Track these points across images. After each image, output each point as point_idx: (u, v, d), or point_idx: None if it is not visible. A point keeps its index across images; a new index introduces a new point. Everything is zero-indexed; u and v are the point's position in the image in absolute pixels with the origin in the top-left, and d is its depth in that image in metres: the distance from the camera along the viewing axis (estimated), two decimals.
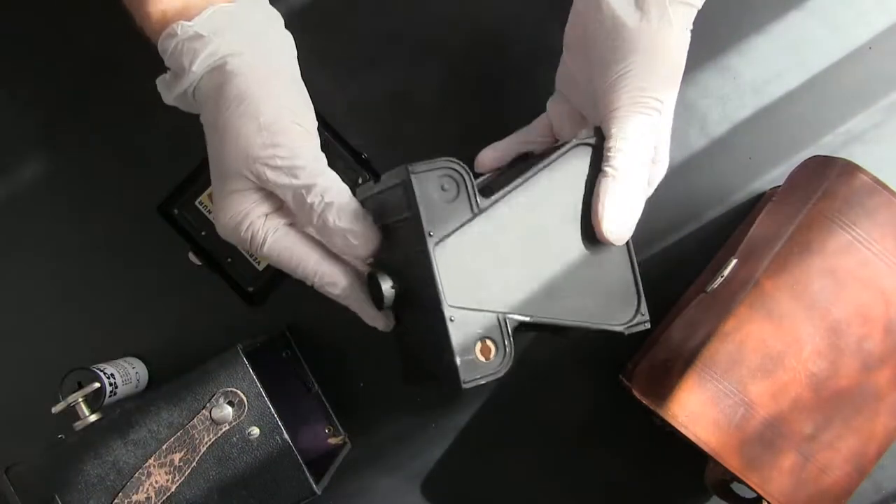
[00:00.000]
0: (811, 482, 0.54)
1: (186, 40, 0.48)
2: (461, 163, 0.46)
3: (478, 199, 0.47)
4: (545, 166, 0.49)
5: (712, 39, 0.63)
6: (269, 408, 0.52)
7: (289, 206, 0.49)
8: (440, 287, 0.45)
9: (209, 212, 0.62)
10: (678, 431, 0.53)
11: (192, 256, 0.62)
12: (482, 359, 0.45)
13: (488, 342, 0.45)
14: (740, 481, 0.54)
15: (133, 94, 0.63)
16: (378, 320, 0.52)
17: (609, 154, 0.49)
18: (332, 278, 0.51)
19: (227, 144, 0.48)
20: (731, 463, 0.53)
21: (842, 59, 0.63)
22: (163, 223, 0.61)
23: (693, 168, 0.63)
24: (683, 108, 0.63)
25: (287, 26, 0.53)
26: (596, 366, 0.63)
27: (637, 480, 0.63)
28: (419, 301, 0.47)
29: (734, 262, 0.57)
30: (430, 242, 0.45)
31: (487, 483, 0.63)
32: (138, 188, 0.62)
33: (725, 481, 0.57)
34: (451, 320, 0.45)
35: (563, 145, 0.50)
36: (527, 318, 0.47)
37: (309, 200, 0.47)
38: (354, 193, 0.50)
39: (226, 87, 0.48)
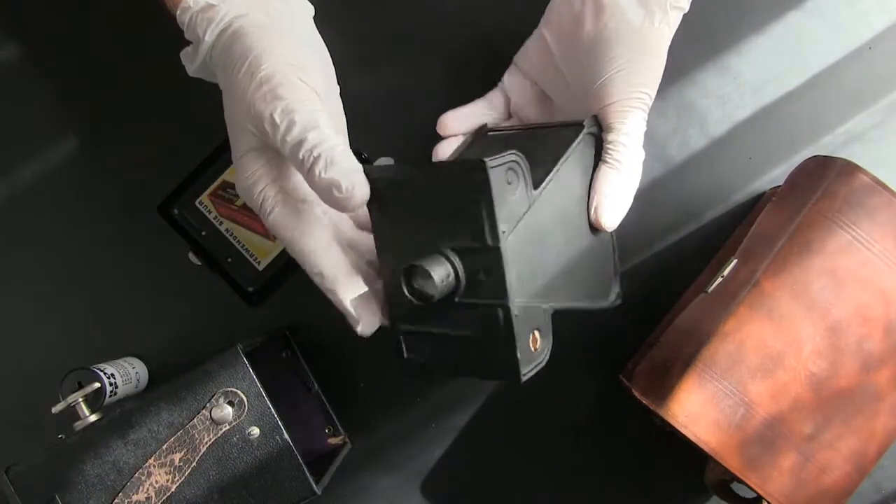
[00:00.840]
0: (811, 482, 0.54)
1: (199, 11, 0.49)
2: (519, 153, 0.45)
3: (531, 191, 0.46)
4: (568, 156, 0.50)
5: (712, 39, 0.63)
6: (269, 408, 0.52)
7: (284, 155, 0.48)
8: (510, 284, 0.44)
9: (209, 212, 0.62)
10: (678, 431, 0.53)
11: (192, 256, 0.62)
12: (532, 349, 0.46)
13: (536, 333, 0.46)
14: (740, 481, 0.54)
15: (133, 93, 0.64)
16: (360, 323, 0.50)
17: (612, 147, 0.51)
18: (319, 268, 0.49)
19: (234, 103, 0.48)
20: (731, 463, 0.53)
21: (842, 59, 0.63)
22: (163, 223, 0.61)
23: (693, 168, 0.63)
24: (683, 108, 0.63)
25: None
26: (596, 366, 0.63)
27: (637, 480, 0.63)
28: (462, 297, 0.46)
29: (734, 262, 0.57)
30: (503, 239, 0.44)
31: (487, 483, 0.63)
32: (138, 188, 0.62)
33: (725, 481, 0.57)
34: (517, 316, 0.45)
35: (566, 127, 0.51)
36: (559, 307, 0.48)
37: (300, 155, 0.45)
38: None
39: (233, 48, 0.48)
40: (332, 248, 0.50)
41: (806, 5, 0.63)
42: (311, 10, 0.54)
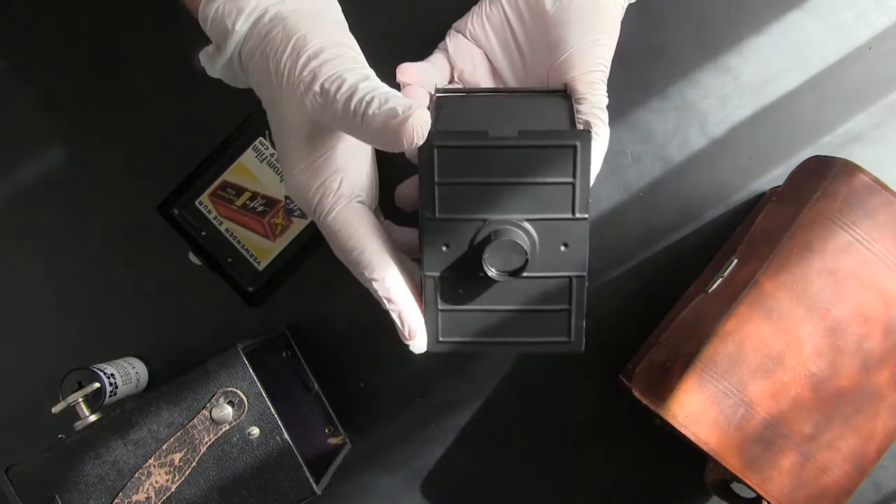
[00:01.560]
0: (811, 482, 0.54)
1: (227, 2, 0.46)
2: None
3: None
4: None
5: (712, 39, 0.63)
6: (269, 408, 0.52)
7: (346, 131, 0.45)
8: (586, 255, 0.45)
9: (209, 212, 0.62)
10: (678, 431, 0.53)
11: (192, 256, 0.62)
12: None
13: None
14: (740, 481, 0.54)
15: (134, 94, 0.64)
16: (417, 336, 0.47)
17: (588, 119, 0.52)
18: (380, 273, 0.46)
19: (281, 87, 0.45)
20: (731, 463, 0.53)
21: (842, 59, 0.63)
22: (163, 223, 0.61)
23: (693, 168, 0.63)
24: (683, 108, 0.63)
25: None
26: (596, 366, 0.63)
27: (637, 480, 0.63)
28: (531, 271, 0.45)
29: (734, 262, 0.57)
30: (589, 209, 0.45)
31: (487, 483, 0.63)
32: (138, 188, 0.62)
33: (725, 481, 0.57)
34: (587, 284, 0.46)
35: (545, 94, 0.52)
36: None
37: (352, 106, 0.42)
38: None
39: (271, 34, 0.45)
40: (392, 255, 0.47)
41: (806, 5, 0.63)
42: (337, 2, 0.51)
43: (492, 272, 0.45)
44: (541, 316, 0.47)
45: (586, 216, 0.45)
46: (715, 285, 0.56)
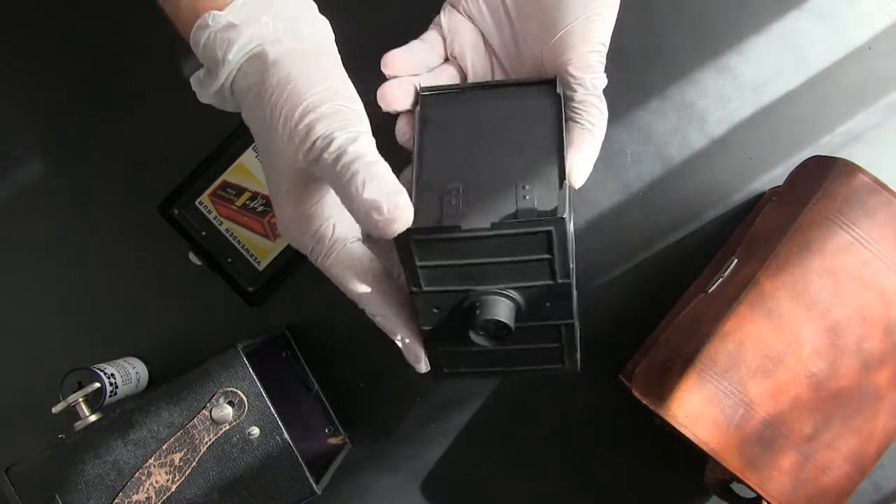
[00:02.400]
0: (811, 482, 0.54)
1: (219, 30, 0.45)
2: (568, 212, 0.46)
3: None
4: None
5: (712, 39, 0.63)
6: (269, 408, 0.52)
7: (326, 181, 0.44)
8: (575, 306, 0.47)
9: (209, 212, 0.62)
10: (678, 431, 0.53)
11: (192, 256, 0.62)
12: None
13: None
14: (740, 481, 0.54)
15: (134, 94, 0.64)
16: (419, 355, 0.49)
17: (582, 108, 0.49)
18: (381, 311, 0.48)
19: (275, 133, 0.44)
20: (731, 463, 0.53)
21: (842, 59, 0.63)
22: (163, 223, 0.61)
23: (693, 168, 0.63)
24: (683, 108, 0.63)
25: None
26: (596, 366, 0.62)
27: (637, 480, 0.63)
28: (519, 323, 0.47)
29: (734, 262, 0.57)
30: (573, 275, 0.46)
31: (487, 483, 0.63)
32: (138, 188, 0.62)
33: (725, 481, 0.57)
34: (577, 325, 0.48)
35: (529, 86, 0.50)
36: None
37: (338, 169, 0.42)
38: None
39: (267, 74, 0.44)
40: (390, 291, 0.48)
41: (806, 5, 0.63)
42: (331, 30, 0.50)
43: (480, 341, 0.47)
44: (535, 350, 0.49)
45: (569, 280, 0.45)
46: (715, 285, 0.56)
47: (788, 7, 0.63)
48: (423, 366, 0.50)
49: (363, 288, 0.48)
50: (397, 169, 0.44)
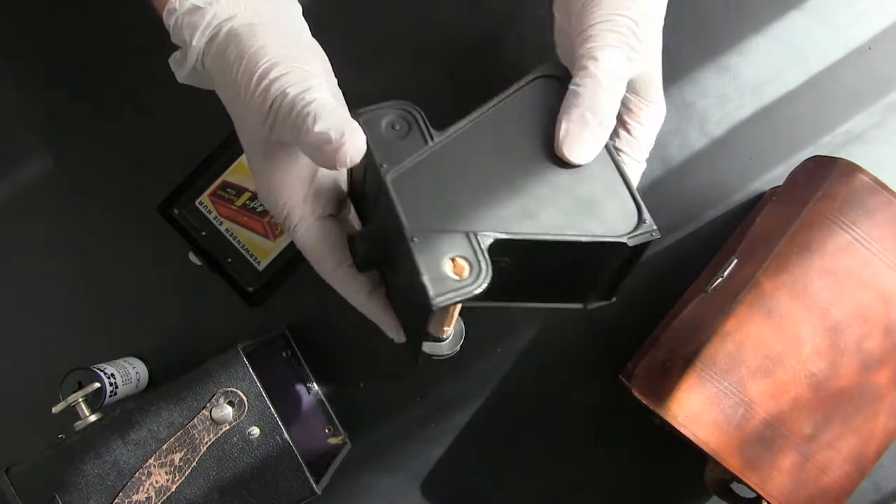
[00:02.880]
0: (811, 482, 0.54)
1: (185, 14, 0.46)
2: (412, 104, 0.47)
3: (431, 133, 0.46)
4: (508, 95, 0.49)
5: (712, 39, 0.63)
6: (269, 408, 0.52)
7: (287, 138, 0.45)
8: (399, 212, 0.43)
9: (209, 212, 0.62)
10: (678, 431, 0.53)
11: (192, 256, 0.62)
12: (455, 277, 0.43)
13: (459, 260, 0.43)
14: (740, 481, 0.54)
15: (133, 93, 0.64)
16: (392, 328, 0.49)
17: (576, 78, 0.47)
18: (346, 288, 0.49)
19: (238, 107, 0.46)
20: (731, 463, 0.53)
21: (842, 59, 0.63)
22: (163, 223, 0.61)
23: (693, 168, 0.63)
24: (683, 108, 0.63)
25: None
26: (596, 366, 0.63)
27: (637, 480, 0.63)
28: (393, 247, 0.45)
29: (734, 262, 0.57)
30: (384, 173, 0.44)
31: (487, 483, 0.63)
32: (138, 188, 0.62)
33: (725, 481, 0.57)
34: (413, 240, 0.43)
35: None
36: (501, 235, 0.45)
37: (292, 117, 0.43)
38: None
39: (225, 52, 0.46)
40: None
41: (806, 5, 0.63)
42: (299, 7, 0.51)
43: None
44: (410, 287, 0.45)
45: (381, 180, 0.45)
46: (715, 285, 0.56)
47: (788, 7, 0.63)
48: (398, 337, 0.49)
49: (328, 264, 0.48)
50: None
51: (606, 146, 0.48)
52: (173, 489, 0.52)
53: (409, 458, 0.63)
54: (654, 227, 0.47)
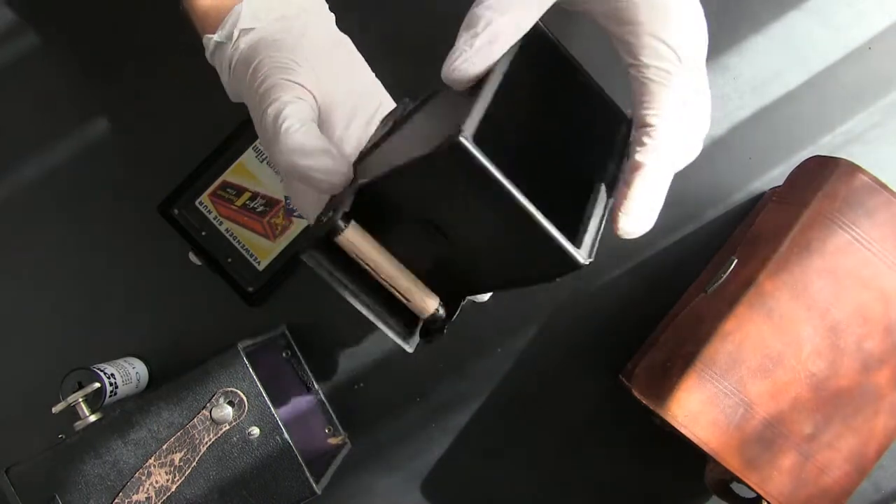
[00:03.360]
0: (811, 482, 0.54)
1: (215, 52, 0.50)
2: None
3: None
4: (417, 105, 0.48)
5: (712, 39, 0.63)
6: (269, 408, 0.52)
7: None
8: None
9: (209, 212, 0.62)
10: (678, 431, 0.53)
11: (192, 256, 0.62)
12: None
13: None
14: (740, 481, 0.54)
15: (133, 93, 0.64)
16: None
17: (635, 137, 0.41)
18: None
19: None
20: (731, 463, 0.53)
21: (842, 59, 0.63)
22: (163, 223, 0.61)
23: (693, 168, 0.63)
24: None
25: None
26: (596, 366, 0.63)
27: (637, 480, 0.63)
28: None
29: (734, 262, 0.57)
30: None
31: (487, 483, 0.63)
32: (138, 188, 0.62)
33: (725, 481, 0.57)
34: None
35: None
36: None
37: (268, 133, 0.45)
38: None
39: (237, 70, 0.50)
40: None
41: (806, 5, 0.63)
42: (330, 16, 0.54)
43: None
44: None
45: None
46: (715, 285, 0.56)
47: (788, 7, 0.63)
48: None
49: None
50: None
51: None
52: (173, 489, 0.52)
53: (409, 458, 0.63)
54: (586, 261, 0.39)
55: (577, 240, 0.39)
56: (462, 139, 0.35)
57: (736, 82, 0.63)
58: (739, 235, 0.60)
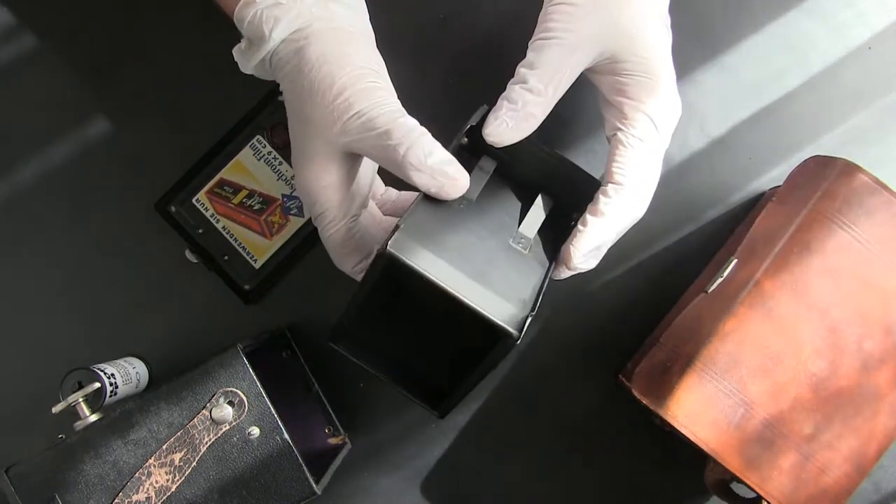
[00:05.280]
0: (811, 482, 0.54)
1: (266, 8, 0.48)
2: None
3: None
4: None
5: (712, 39, 0.63)
6: (269, 408, 0.52)
7: (374, 158, 0.49)
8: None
9: (206, 209, 0.62)
10: (678, 431, 0.53)
11: (188, 254, 0.62)
12: None
13: None
14: (740, 481, 0.54)
15: (132, 92, 0.63)
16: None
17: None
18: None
19: (308, 106, 0.48)
20: (731, 463, 0.53)
21: (842, 59, 0.63)
22: (160, 220, 0.61)
23: (693, 168, 0.63)
24: (684, 108, 0.63)
25: None
26: (596, 365, 0.63)
27: (637, 480, 0.63)
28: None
29: (734, 262, 0.57)
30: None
31: (487, 483, 0.63)
32: (135, 185, 0.62)
33: (725, 481, 0.57)
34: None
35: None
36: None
37: (387, 142, 0.47)
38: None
39: (306, 50, 0.48)
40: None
41: (806, 5, 0.63)
42: (366, 9, 0.54)
43: None
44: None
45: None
46: (715, 285, 0.56)
47: (788, 7, 0.63)
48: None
49: (352, 260, 0.52)
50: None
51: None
52: (173, 489, 0.52)
53: (409, 458, 0.63)
54: (516, 334, 0.44)
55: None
56: (390, 250, 0.43)
57: (736, 82, 0.63)
58: (739, 235, 0.60)
